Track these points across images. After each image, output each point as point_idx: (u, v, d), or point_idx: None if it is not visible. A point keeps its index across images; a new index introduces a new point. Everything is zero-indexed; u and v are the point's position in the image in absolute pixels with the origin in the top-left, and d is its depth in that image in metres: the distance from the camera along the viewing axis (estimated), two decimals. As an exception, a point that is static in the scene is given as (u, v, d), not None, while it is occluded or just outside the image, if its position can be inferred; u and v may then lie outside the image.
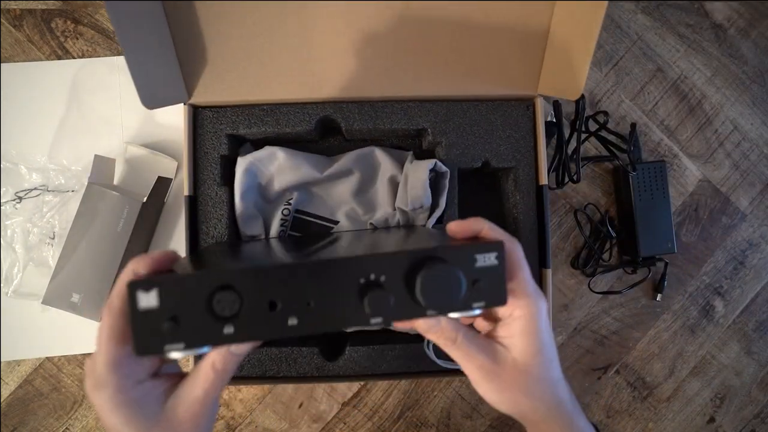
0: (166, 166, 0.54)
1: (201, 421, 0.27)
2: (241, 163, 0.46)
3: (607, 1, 0.36)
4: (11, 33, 0.55)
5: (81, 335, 0.53)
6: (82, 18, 0.55)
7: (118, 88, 0.55)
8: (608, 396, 0.58)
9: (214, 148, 0.46)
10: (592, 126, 0.54)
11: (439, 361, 0.45)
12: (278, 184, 0.47)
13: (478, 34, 0.45)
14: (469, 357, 0.29)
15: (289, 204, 0.47)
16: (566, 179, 0.53)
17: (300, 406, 0.56)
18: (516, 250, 0.30)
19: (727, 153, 0.59)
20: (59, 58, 0.55)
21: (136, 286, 0.24)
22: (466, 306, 0.28)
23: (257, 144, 0.49)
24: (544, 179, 0.47)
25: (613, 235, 0.56)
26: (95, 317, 0.48)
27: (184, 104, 0.45)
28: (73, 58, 0.55)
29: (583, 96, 0.49)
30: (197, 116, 0.46)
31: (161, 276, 0.25)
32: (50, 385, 0.54)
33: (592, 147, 0.58)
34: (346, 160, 0.48)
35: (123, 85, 0.55)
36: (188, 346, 0.25)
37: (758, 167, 0.59)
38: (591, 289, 0.58)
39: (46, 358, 0.54)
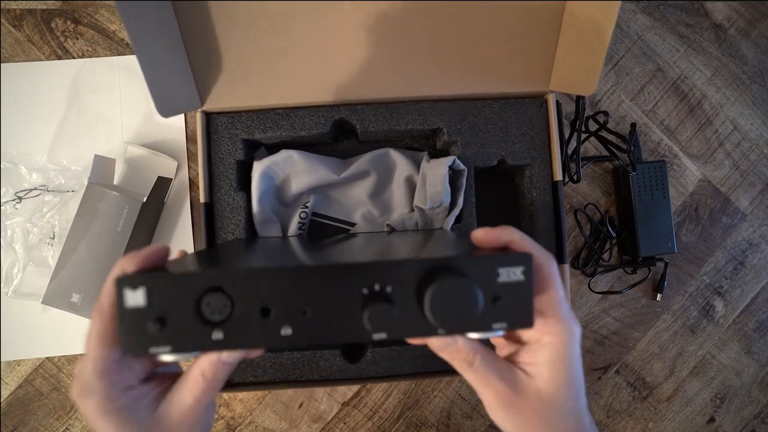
0: (166, 166, 0.54)
1: (194, 428, 0.26)
2: (258, 168, 0.46)
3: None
4: (11, 33, 0.55)
5: (81, 335, 0.53)
6: (82, 18, 0.55)
7: (118, 88, 0.55)
8: (608, 396, 0.58)
9: (230, 153, 0.46)
10: (592, 126, 0.54)
11: None
12: (295, 188, 0.47)
13: (490, 32, 0.45)
14: (486, 383, 0.26)
15: (306, 207, 0.47)
16: (566, 179, 0.53)
17: (300, 406, 0.56)
18: (550, 266, 0.26)
19: (727, 153, 0.59)
20: (59, 58, 0.55)
21: (123, 283, 0.23)
22: (484, 326, 0.25)
23: (272, 148, 0.49)
24: (558, 175, 0.46)
25: (613, 235, 0.56)
26: (95, 317, 0.48)
27: (198, 111, 0.45)
28: (73, 58, 0.55)
29: (583, 96, 0.49)
30: (211, 122, 0.46)
31: (150, 274, 0.24)
32: (50, 385, 0.54)
33: (592, 147, 0.58)
34: (361, 161, 0.48)
35: (123, 85, 0.55)
36: (175, 350, 0.24)
37: (758, 167, 0.59)
38: (591, 289, 0.58)
39: (46, 358, 0.54)
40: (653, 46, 0.59)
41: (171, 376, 0.28)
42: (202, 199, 0.45)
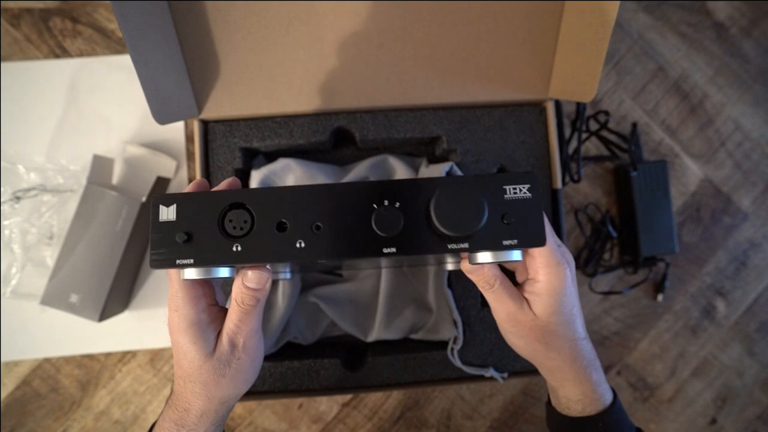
0: (165, 166, 0.54)
1: (239, 351, 0.30)
2: (256, 176, 0.46)
3: (620, 1, 0.35)
4: (9, 32, 0.55)
5: (79, 336, 0.53)
6: (80, 17, 0.55)
7: (117, 87, 0.55)
8: (609, 397, 0.58)
9: (228, 161, 0.46)
10: (593, 126, 0.54)
11: (464, 367, 0.45)
12: None
13: (489, 40, 0.45)
14: (501, 301, 0.32)
15: None
16: (567, 179, 0.52)
17: (300, 406, 0.55)
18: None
19: (729, 153, 0.59)
20: (57, 57, 0.55)
21: (158, 201, 0.26)
22: (494, 243, 0.26)
23: (270, 156, 0.49)
24: (557, 183, 0.46)
25: (614, 235, 0.56)
26: (94, 317, 0.48)
27: (196, 119, 0.45)
28: (72, 57, 0.55)
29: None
30: (209, 131, 0.46)
31: (182, 192, 0.27)
32: (48, 386, 0.54)
33: (592, 147, 0.58)
34: (360, 168, 0.47)
35: (122, 85, 0.55)
36: (197, 262, 0.26)
37: (760, 167, 0.59)
38: (592, 290, 0.57)
39: (45, 358, 0.54)
40: (654, 45, 0.59)
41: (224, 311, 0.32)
42: None
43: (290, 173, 0.46)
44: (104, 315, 0.49)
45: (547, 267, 0.31)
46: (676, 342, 0.58)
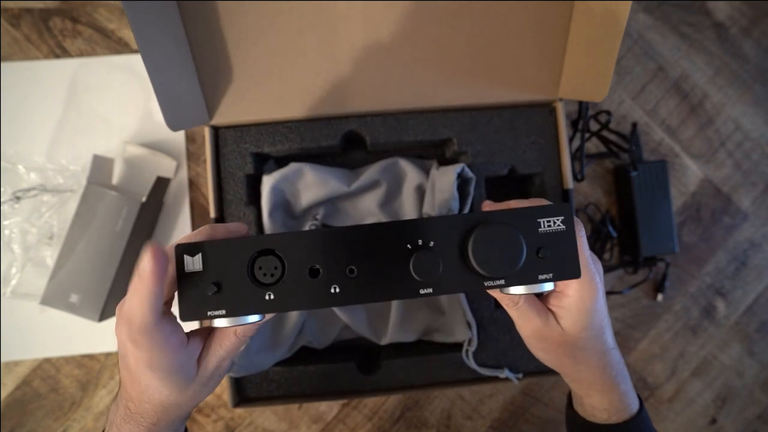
0: (165, 166, 0.54)
1: (222, 373, 0.30)
2: (267, 182, 0.45)
3: (632, 0, 0.35)
4: (9, 32, 0.55)
5: (80, 336, 0.53)
6: (80, 17, 0.55)
7: (117, 87, 0.55)
8: (609, 397, 0.58)
9: (239, 167, 0.46)
10: (594, 126, 0.54)
11: (480, 369, 0.45)
12: (305, 201, 0.46)
13: (499, 41, 0.45)
14: (526, 318, 0.31)
15: (316, 219, 0.47)
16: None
17: (300, 406, 0.55)
18: (576, 226, 0.28)
19: (729, 153, 0.59)
20: (57, 57, 0.55)
21: (182, 249, 0.25)
22: (530, 277, 0.26)
23: (281, 161, 0.49)
24: (568, 183, 0.46)
25: (614, 235, 0.56)
26: (94, 317, 0.48)
27: (206, 126, 0.45)
28: (72, 57, 0.55)
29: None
30: (219, 136, 0.46)
31: (206, 240, 0.25)
32: (48, 386, 0.53)
33: (592, 146, 0.58)
34: (371, 171, 0.47)
35: (122, 85, 0.55)
36: (229, 313, 0.25)
37: (760, 167, 0.59)
38: (592, 290, 0.57)
39: (45, 358, 0.53)
40: (654, 45, 0.59)
41: (205, 331, 0.30)
42: (212, 214, 0.45)
43: (302, 178, 0.46)
44: (104, 315, 0.49)
45: (580, 282, 0.29)
46: (676, 342, 0.58)
